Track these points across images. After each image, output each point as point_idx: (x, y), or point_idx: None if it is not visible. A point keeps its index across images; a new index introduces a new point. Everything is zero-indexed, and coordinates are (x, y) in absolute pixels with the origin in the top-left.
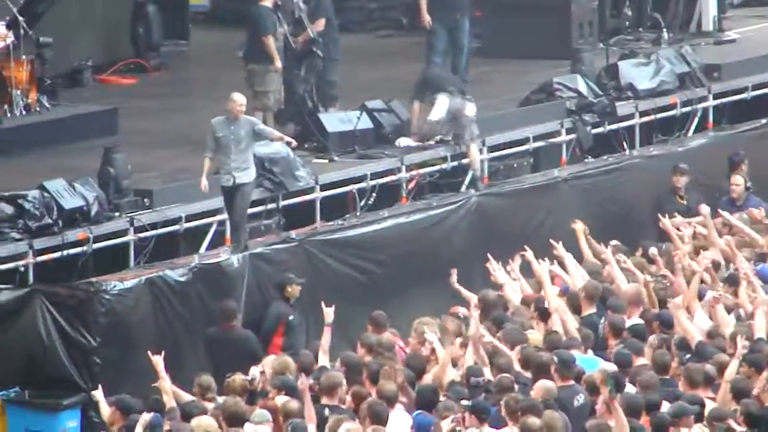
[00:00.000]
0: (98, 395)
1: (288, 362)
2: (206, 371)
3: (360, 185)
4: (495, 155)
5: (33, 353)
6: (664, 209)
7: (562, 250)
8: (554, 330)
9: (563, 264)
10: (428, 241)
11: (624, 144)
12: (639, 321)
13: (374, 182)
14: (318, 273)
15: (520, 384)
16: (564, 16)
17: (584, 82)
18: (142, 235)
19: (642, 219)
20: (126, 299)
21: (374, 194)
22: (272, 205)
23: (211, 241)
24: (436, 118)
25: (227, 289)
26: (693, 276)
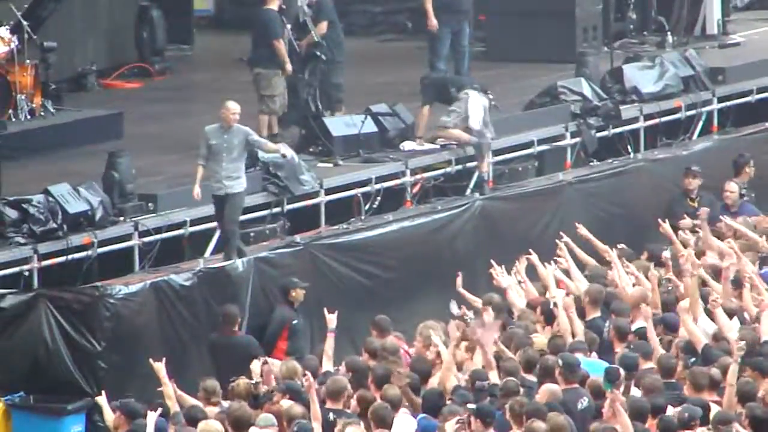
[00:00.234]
0: (101, 401)
1: (296, 367)
2: (211, 375)
3: (365, 189)
4: (500, 159)
5: (38, 358)
6: (675, 212)
7: (567, 254)
8: (559, 334)
9: (568, 267)
10: (433, 245)
11: (628, 147)
12: (644, 324)
13: (379, 186)
14: (323, 277)
15: (526, 388)
16: (568, 20)
17: (589, 86)
18: (147, 240)
19: (647, 222)
20: (131, 304)
21: (379, 198)
22: (277, 209)
23: (216, 246)
24: (479, 118)
25: (232, 294)
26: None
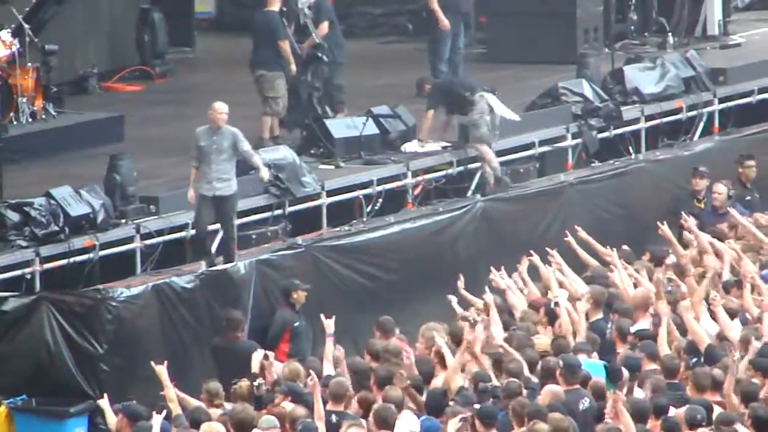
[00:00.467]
0: (104, 404)
1: (298, 369)
2: (213, 378)
3: (366, 191)
4: (501, 160)
5: (40, 361)
6: (682, 212)
7: (559, 258)
8: (562, 335)
9: (562, 271)
10: (434, 247)
11: (630, 148)
12: (645, 326)
13: (380, 188)
14: (324, 279)
15: (528, 389)
16: (569, 21)
17: (590, 87)
18: (149, 242)
19: (648, 223)
20: (133, 306)
21: (380, 200)
22: (278, 212)
23: (218, 248)
24: (508, 112)
25: (234, 296)
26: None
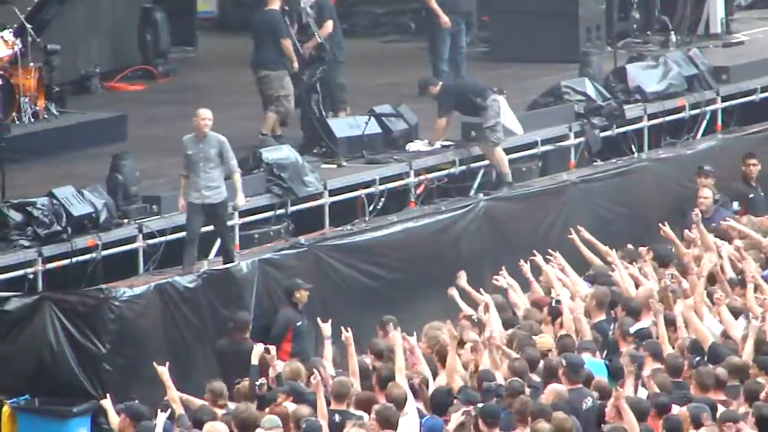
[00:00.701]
0: (106, 404)
1: (300, 368)
2: (217, 377)
3: (369, 190)
4: None
5: (43, 360)
6: (687, 211)
7: (561, 259)
8: (567, 334)
9: (564, 271)
10: (437, 246)
11: (632, 147)
12: (646, 325)
13: (383, 187)
14: (327, 278)
15: (532, 388)
16: (572, 20)
17: (592, 86)
18: (151, 242)
19: (651, 222)
20: (135, 306)
21: (383, 199)
22: (281, 211)
23: (220, 247)
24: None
25: (236, 295)
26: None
